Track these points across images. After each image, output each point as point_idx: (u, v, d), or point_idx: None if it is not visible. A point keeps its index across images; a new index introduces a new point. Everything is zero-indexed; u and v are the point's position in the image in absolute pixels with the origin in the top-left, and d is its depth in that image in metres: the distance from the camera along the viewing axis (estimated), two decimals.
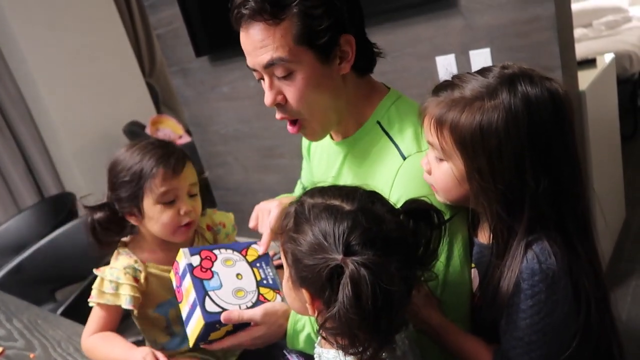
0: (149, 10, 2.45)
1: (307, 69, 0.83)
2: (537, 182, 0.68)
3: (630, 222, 2.30)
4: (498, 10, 1.49)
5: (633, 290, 1.90)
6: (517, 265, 0.70)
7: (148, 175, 0.98)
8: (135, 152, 1.02)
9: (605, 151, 2.01)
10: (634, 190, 2.49)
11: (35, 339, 1.20)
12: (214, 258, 0.93)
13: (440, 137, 0.73)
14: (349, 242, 0.61)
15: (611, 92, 2.19)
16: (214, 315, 0.83)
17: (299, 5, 0.79)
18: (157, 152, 1.01)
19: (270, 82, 0.85)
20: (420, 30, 1.65)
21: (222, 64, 2.30)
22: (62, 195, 2.83)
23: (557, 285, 0.68)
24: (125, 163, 1.01)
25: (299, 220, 0.66)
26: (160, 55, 4.07)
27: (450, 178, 0.74)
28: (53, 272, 1.95)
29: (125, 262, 1.04)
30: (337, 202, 0.66)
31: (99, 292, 1.01)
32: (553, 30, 1.42)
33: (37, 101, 3.40)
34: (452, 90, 0.73)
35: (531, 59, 1.48)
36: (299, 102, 0.85)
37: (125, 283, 1.01)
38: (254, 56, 0.84)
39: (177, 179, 1.01)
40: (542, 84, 0.70)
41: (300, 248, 0.64)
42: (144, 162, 1.00)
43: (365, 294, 0.57)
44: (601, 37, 3.53)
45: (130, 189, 1.00)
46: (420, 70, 1.71)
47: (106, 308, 1.02)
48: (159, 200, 1.00)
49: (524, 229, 0.70)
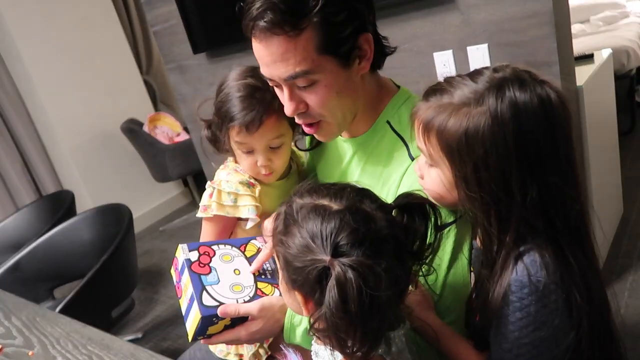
0: (146, 7, 2.45)
1: (329, 77, 0.81)
2: (524, 191, 0.66)
3: (628, 218, 2.31)
4: (495, 6, 1.48)
5: (630, 285, 1.91)
6: (507, 277, 0.68)
7: (227, 123, 0.99)
8: (233, 88, 0.99)
9: (602, 147, 2.02)
10: (632, 186, 2.50)
11: (34, 337, 1.20)
12: (212, 254, 0.93)
13: (427, 143, 0.72)
14: (336, 242, 0.61)
15: (609, 88, 2.20)
16: (210, 309, 0.84)
17: (320, 13, 0.75)
18: (241, 102, 0.98)
19: (291, 93, 0.83)
20: (418, 26, 1.65)
21: (220, 61, 2.30)
22: (60, 193, 2.83)
23: (547, 299, 0.67)
24: (221, 96, 1.01)
25: (288, 222, 0.66)
26: (158, 52, 4.05)
27: (440, 184, 0.74)
28: (51, 269, 1.95)
29: (239, 177, 1.05)
30: (325, 201, 0.66)
31: (218, 204, 1.02)
32: (550, 25, 1.42)
33: (34, 99, 3.39)
34: (441, 95, 0.71)
35: (529, 55, 1.48)
36: (321, 109, 0.84)
37: (245, 194, 1.02)
38: (273, 69, 0.80)
39: (251, 136, 0.99)
40: (533, 89, 0.67)
41: (290, 251, 0.64)
42: (227, 106, 0.99)
43: (352, 297, 0.57)
44: (599, 32, 3.53)
45: (218, 124, 1.02)
46: (417, 66, 1.71)
47: (220, 219, 1.04)
48: (237, 148, 1.02)
49: (512, 239, 0.68)
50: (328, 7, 0.76)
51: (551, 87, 0.69)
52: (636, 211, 2.35)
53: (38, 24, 3.28)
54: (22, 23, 3.22)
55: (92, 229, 1.99)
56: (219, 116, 1.02)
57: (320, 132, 0.90)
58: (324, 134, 0.90)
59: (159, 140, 3.43)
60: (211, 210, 1.03)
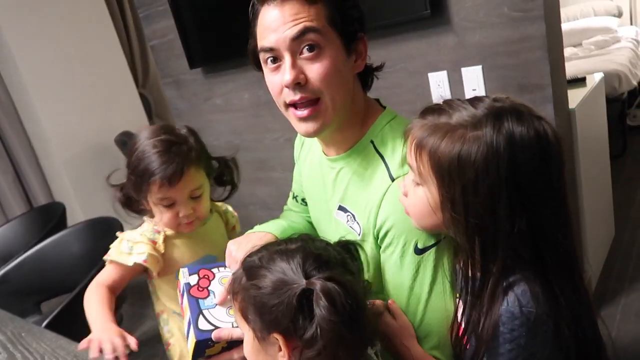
0: (144, 21, 2.46)
1: (334, 50, 0.83)
2: (512, 221, 0.66)
3: (620, 240, 2.32)
4: (490, 28, 1.51)
5: (622, 308, 1.90)
6: (497, 308, 0.68)
7: (147, 180, 1.00)
8: (147, 145, 1.01)
9: (595, 169, 2.03)
10: (623, 208, 2.52)
11: (19, 352, 1.17)
12: (212, 277, 0.96)
13: (419, 160, 0.72)
14: (306, 269, 0.65)
15: (600, 111, 2.22)
16: (205, 333, 0.86)
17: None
18: (159, 156, 1.00)
19: (293, 61, 0.82)
20: (413, 47, 1.67)
21: (216, 76, 2.31)
22: (51, 205, 2.80)
23: (538, 329, 0.66)
24: (136, 155, 1.02)
25: (251, 273, 0.68)
26: (154, 66, 4.07)
27: (424, 204, 0.73)
28: (39, 283, 1.93)
29: (145, 227, 1.10)
30: (282, 246, 0.70)
31: (116, 250, 1.07)
32: (543, 49, 1.44)
33: (28, 109, 3.38)
34: (439, 115, 0.72)
35: (522, 77, 1.50)
36: (322, 82, 0.82)
37: (141, 242, 1.06)
38: (280, 31, 0.81)
39: (174, 188, 1.01)
40: (530, 123, 0.67)
41: (263, 291, 0.65)
42: (146, 163, 1.00)
43: (339, 300, 0.61)
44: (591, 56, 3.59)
45: (136, 183, 1.03)
46: (412, 86, 1.72)
47: (117, 266, 1.07)
48: (158, 203, 1.04)
49: (499, 269, 0.68)
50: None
51: (547, 123, 0.69)
52: (628, 233, 2.36)
53: (35, 35, 3.29)
54: (18, 34, 3.23)
55: (82, 243, 1.97)
56: (136, 175, 1.01)
57: (313, 118, 0.85)
58: (315, 122, 0.85)
59: None
60: (108, 255, 1.08)
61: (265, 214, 1.16)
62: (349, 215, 0.92)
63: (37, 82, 3.31)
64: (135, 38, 4.09)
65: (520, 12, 1.44)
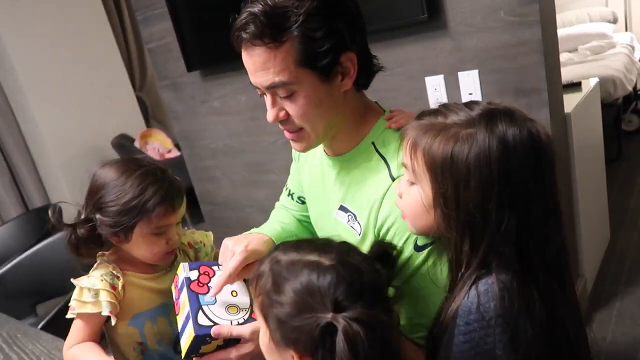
0: (141, 24, 2.46)
1: (308, 89, 0.84)
2: (500, 219, 0.67)
3: (614, 244, 2.33)
4: (486, 33, 1.52)
5: (617, 311, 1.91)
6: (459, 300, 0.69)
7: (148, 211, 0.95)
8: (131, 181, 0.97)
9: (590, 173, 2.04)
10: (618, 213, 2.53)
11: (14, 354, 1.17)
12: (212, 274, 0.95)
13: (413, 158, 0.73)
14: (335, 297, 0.60)
15: (596, 116, 2.23)
16: (205, 329, 0.85)
17: (300, 28, 0.80)
18: (160, 187, 0.97)
19: (273, 100, 0.86)
20: (410, 51, 1.68)
21: (213, 79, 2.31)
22: (47, 207, 2.79)
23: (492, 329, 0.67)
24: (118, 192, 0.96)
25: (278, 280, 0.65)
26: (151, 69, 4.07)
27: (418, 203, 0.74)
28: (35, 285, 1.92)
29: (103, 270, 1.02)
30: (314, 257, 0.66)
31: (79, 302, 0.97)
32: (540, 54, 1.45)
33: (25, 111, 3.37)
34: (435, 116, 0.73)
35: (518, 82, 1.51)
36: (300, 119, 0.87)
37: (102, 289, 0.98)
38: (256, 77, 0.85)
39: (175, 215, 1.01)
40: (523, 124, 0.68)
41: (285, 310, 0.63)
42: (146, 196, 0.95)
43: (362, 349, 0.57)
44: (586, 61, 3.61)
45: (121, 219, 0.96)
46: (409, 90, 1.73)
47: (87, 318, 0.99)
48: (153, 232, 0.99)
49: (478, 263, 0.69)
50: (308, 23, 0.80)
51: (540, 125, 0.70)
52: (623, 238, 2.38)
53: (32, 37, 3.28)
54: (15, 36, 3.22)
55: None
56: (127, 210, 0.95)
57: (298, 141, 0.92)
58: (300, 143, 0.92)
59: (149, 156, 3.42)
60: (72, 310, 0.98)
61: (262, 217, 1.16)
62: (350, 215, 0.93)
63: (34, 84, 3.31)
64: (133, 40, 4.10)
65: (516, 17, 1.45)
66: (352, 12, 0.86)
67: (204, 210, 2.78)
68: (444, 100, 1.66)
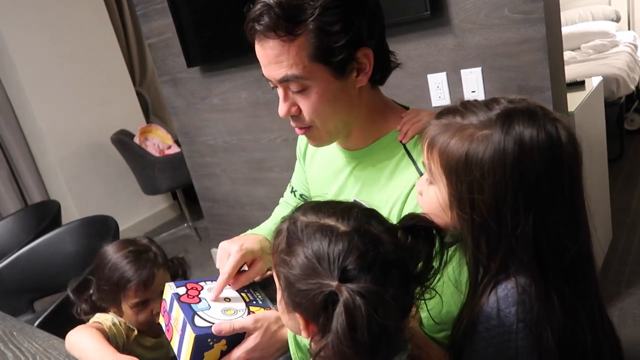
0: (142, 19, 2.44)
1: (321, 85, 0.82)
2: (516, 223, 0.65)
3: (617, 244, 2.32)
4: (489, 30, 1.50)
5: (619, 312, 1.90)
6: (479, 305, 0.68)
7: (124, 287, 1.12)
8: (118, 258, 1.15)
9: (592, 172, 2.03)
10: (621, 212, 2.51)
11: (10, 352, 1.16)
12: (200, 288, 0.93)
13: (430, 158, 0.72)
14: (344, 266, 0.57)
15: (599, 114, 2.22)
16: (204, 329, 0.81)
17: (315, 22, 0.77)
18: (132, 265, 1.13)
19: (285, 95, 0.85)
20: (412, 48, 1.66)
21: (214, 75, 2.29)
22: (46, 202, 2.78)
23: (514, 335, 0.65)
24: (109, 267, 1.14)
25: (291, 241, 0.63)
26: (152, 64, 4.05)
27: (436, 203, 0.73)
28: (32, 281, 1.90)
29: (116, 320, 1.15)
30: (332, 221, 0.62)
31: (101, 317, 1.14)
32: (543, 51, 1.43)
33: (25, 107, 3.36)
34: (453, 115, 0.71)
35: (522, 80, 1.49)
36: (312, 115, 0.85)
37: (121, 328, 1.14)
38: (268, 69, 0.83)
39: (150, 289, 1.13)
40: (542, 125, 0.65)
41: (293, 271, 0.61)
42: (121, 273, 1.13)
43: (361, 325, 0.54)
44: (589, 60, 3.59)
45: (110, 294, 1.15)
46: (411, 87, 1.71)
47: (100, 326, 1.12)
48: (134, 306, 1.14)
49: (496, 267, 0.67)
50: (324, 17, 0.77)
51: (563, 126, 0.67)
52: (625, 237, 2.36)
53: (32, 33, 3.27)
54: (15, 31, 3.21)
55: (77, 241, 1.95)
56: (111, 285, 1.14)
57: (310, 136, 0.91)
58: (314, 138, 0.91)
59: (149, 152, 3.40)
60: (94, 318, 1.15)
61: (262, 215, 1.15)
62: None
63: (34, 80, 3.29)
64: (133, 36, 4.07)
65: (520, 14, 1.43)
66: (371, 6, 0.83)
67: (203, 207, 2.77)
68: (446, 99, 1.65)
